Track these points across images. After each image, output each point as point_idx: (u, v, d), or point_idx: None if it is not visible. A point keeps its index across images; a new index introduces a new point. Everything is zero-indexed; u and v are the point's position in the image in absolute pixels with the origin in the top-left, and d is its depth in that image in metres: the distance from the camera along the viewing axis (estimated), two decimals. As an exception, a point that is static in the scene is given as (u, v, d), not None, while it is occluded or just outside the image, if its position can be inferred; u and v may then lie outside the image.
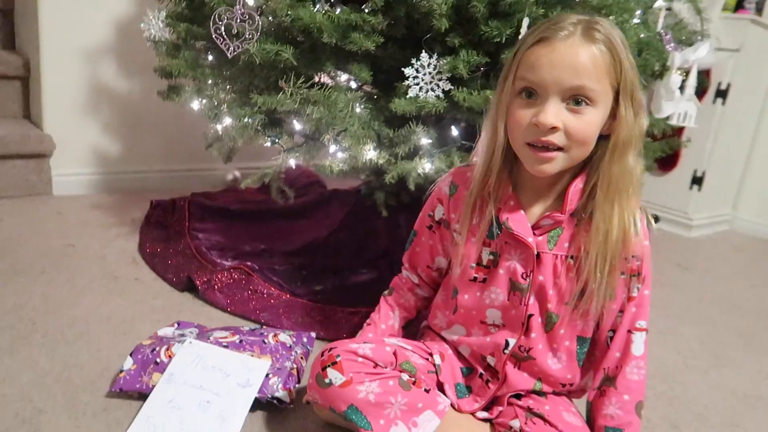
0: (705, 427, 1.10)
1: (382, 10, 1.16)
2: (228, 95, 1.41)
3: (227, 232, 1.70)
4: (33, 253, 1.49)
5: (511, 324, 0.90)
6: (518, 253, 0.87)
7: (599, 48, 0.76)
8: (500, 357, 0.91)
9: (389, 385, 0.86)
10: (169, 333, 1.10)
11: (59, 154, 1.96)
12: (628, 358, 0.87)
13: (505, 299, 0.89)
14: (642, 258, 0.85)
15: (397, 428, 0.84)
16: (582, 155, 0.81)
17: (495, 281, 0.89)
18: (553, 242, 0.85)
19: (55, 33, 1.88)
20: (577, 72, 0.75)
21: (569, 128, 0.77)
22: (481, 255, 0.90)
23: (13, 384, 0.97)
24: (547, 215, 0.85)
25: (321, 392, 0.86)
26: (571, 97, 0.77)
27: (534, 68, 0.77)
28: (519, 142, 0.81)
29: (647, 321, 0.88)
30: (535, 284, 0.87)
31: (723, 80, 2.31)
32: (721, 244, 2.44)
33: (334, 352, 0.87)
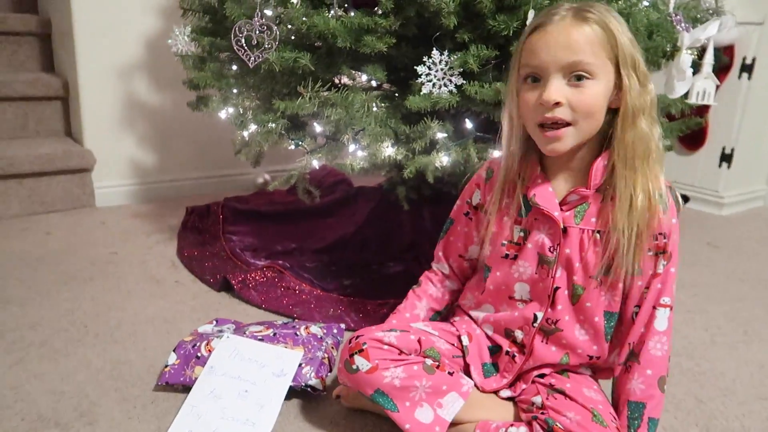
0: (731, 402, 1.11)
1: (393, 12, 1.20)
2: (252, 103, 1.48)
3: (259, 234, 1.78)
4: (81, 262, 1.59)
5: (538, 297, 0.93)
6: (546, 227, 0.91)
7: (591, 27, 0.81)
8: (529, 331, 0.94)
9: (414, 369, 0.90)
10: (208, 329, 1.18)
11: (100, 168, 2.07)
12: (651, 332, 0.90)
13: (533, 272, 0.92)
14: (669, 236, 0.88)
15: (423, 409, 0.88)
16: (591, 128, 0.84)
17: (524, 255, 0.93)
18: (580, 217, 0.89)
19: (90, 54, 1.99)
20: (571, 48, 0.80)
21: (573, 102, 0.81)
22: (512, 233, 0.94)
23: (71, 382, 1.06)
24: (573, 191, 0.88)
25: (349, 377, 0.91)
26: (571, 73, 0.81)
27: (533, 53, 0.82)
28: (531, 125, 0.86)
29: (672, 298, 0.90)
30: (562, 257, 0.90)
31: (748, 54, 2.27)
32: (754, 221, 2.40)
33: (360, 340, 0.92)
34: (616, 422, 0.87)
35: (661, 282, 0.89)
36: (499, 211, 0.94)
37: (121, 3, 1.99)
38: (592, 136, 0.86)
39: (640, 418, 0.88)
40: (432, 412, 0.89)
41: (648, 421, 0.88)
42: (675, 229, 0.88)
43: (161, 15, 2.04)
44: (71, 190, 2.02)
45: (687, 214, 2.44)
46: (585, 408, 0.87)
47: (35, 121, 2.15)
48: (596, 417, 0.85)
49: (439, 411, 0.89)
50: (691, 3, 1.45)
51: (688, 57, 1.25)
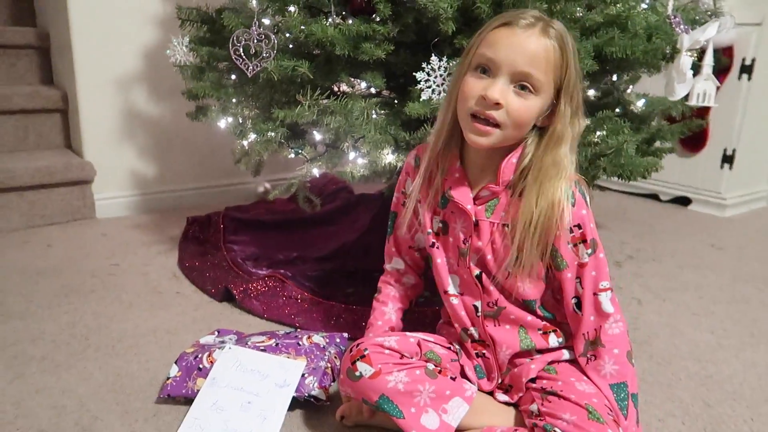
0: (740, 405, 1.10)
1: (390, 19, 1.20)
2: (251, 112, 1.48)
3: (261, 243, 1.77)
4: (82, 274, 1.58)
5: (468, 288, 0.98)
6: (461, 221, 0.95)
7: (553, 44, 0.84)
8: (477, 322, 0.97)
9: (416, 374, 0.90)
10: (210, 340, 1.17)
11: (100, 180, 2.07)
12: (603, 317, 0.92)
13: (455, 264, 0.98)
14: (583, 225, 0.90)
15: (428, 416, 0.88)
16: (515, 137, 0.88)
17: (446, 248, 0.98)
18: (491, 211, 0.93)
19: (88, 66, 1.99)
20: (531, 59, 0.83)
21: (511, 108, 0.84)
22: (432, 223, 0.99)
23: (72, 396, 1.05)
24: (485, 186, 0.93)
25: (353, 385, 0.91)
26: (518, 81, 0.84)
27: (493, 46, 0.85)
28: (464, 111, 0.88)
29: (608, 281, 0.93)
30: (474, 248, 0.94)
31: (747, 55, 2.27)
32: (757, 222, 2.39)
33: (362, 347, 0.93)
34: (612, 414, 0.87)
35: (594, 269, 0.92)
36: (423, 199, 0.99)
37: (119, 14, 1.99)
38: (511, 143, 0.89)
39: (626, 398, 0.90)
40: (437, 418, 0.88)
41: (631, 396, 0.91)
42: (588, 218, 0.91)
43: (159, 26, 2.05)
44: (71, 202, 2.02)
45: (689, 215, 2.43)
46: (579, 406, 0.86)
47: (35, 134, 2.15)
48: (592, 414, 0.84)
49: (444, 417, 0.89)
50: (690, 5, 1.45)
51: (688, 59, 1.25)
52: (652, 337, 1.35)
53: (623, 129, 1.27)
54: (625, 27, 1.23)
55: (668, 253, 1.93)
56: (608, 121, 1.27)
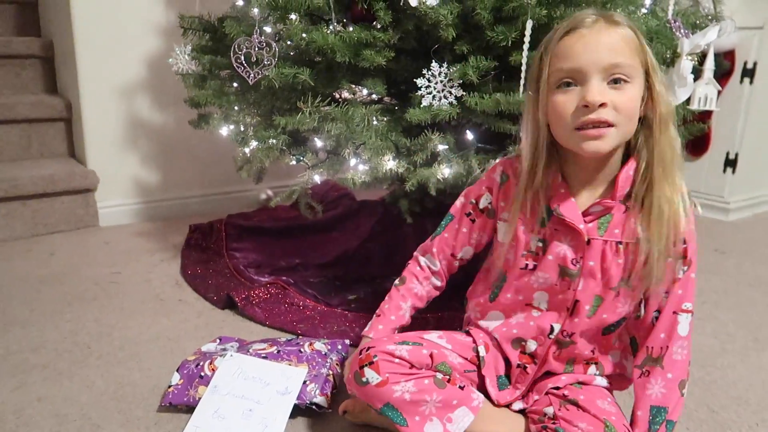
0: (745, 411, 1.09)
1: (391, 26, 1.21)
2: (253, 119, 1.48)
3: (263, 250, 1.77)
4: (85, 282, 1.58)
5: (556, 308, 0.93)
6: (569, 239, 0.89)
7: (624, 30, 0.81)
8: (543, 341, 0.94)
9: (424, 384, 0.88)
10: (211, 348, 1.17)
11: (103, 188, 2.07)
12: (674, 338, 0.88)
13: (553, 283, 0.91)
14: (688, 241, 0.87)
15: (432, 424, 0.87)
16: (630, 131, 0.83)
17: (543, 267, 0.91)
18: (603, 228, 0.87)
19: (92, 75, 2.00)
20: (613, 49, 0.79)
21: (617, 103, 0.80)
22: (530, 243, 0.92)
23: (73, 404, 1.05)
24: (597, 202, 0.87)
25: (358, 389, 0.89)
26: (610, 75, 0.80)
27: (568, 56, 0.81)
28: (567, 130, 0.82)
29: (692, 303, 0.89)
30: (585, 269, 0.89)
31: (749, 59, 2.27)
32: (761, 226, 2.38)
33: (371, 352, 0.89)
34: None
35: (681, 287, 0.88)
36: (519, 220, 0.92)
37: (121, 24, 2.00)
38: (627, 140, 0.85)
39: (661, 421, 0.87)
40: (441, 427, 0.87)
41: (666, 422, 0.88)
42: (693, 236, 0.88)
43: (162, 34, 2.06)
44: (75, 211, 2.03)
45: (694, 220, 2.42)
46: (597, 419, 0.85)
47: (39, 143, 2.16)
48: (609, 428, 0.83)
49: (448, 426, 0.88)
50: (690, 9, 1.45)
51: (689, 63, 1.24)
52: (656, 342, 1.34)
53: (624, 134, 1.27)
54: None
55: (672, 258, 1.92)
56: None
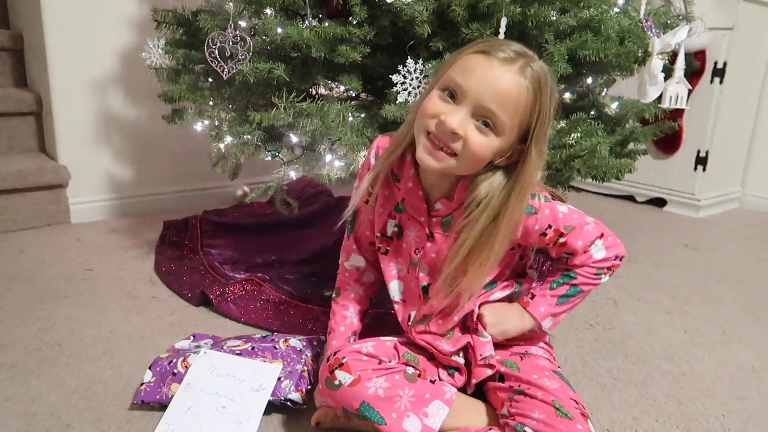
0: (712, 403, 1.12)
1: (367, 22, 1.21)
2: (228, 115, 1.47)
3: (239, 246, 1.76)
4: (55, 279, 1.56)
5: (411, 299, 0.99)
6: (416, 229, 0.95)
7: (527, 85, 0.80)
8: (409, 329, 0.98)
9: (395, 379, 0.90)
10: (185, 345, 1.16)
11: (75, 184, 2.03)
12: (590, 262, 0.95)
13: (405, 272, 0.98)
14: (553, 223, 0.91)
15: (410, 420, 0.87)
16: (467, 171, 0.85)
17: (399, 253, 0.97)
18: (447, 226, 0.93)
19: (62, 68, 1.96)
20: (499, 98, 0.79)
21: (469, 141, 0.81)
22: (386, 226, 0.97)
23: (42, 403, 1.03)
24: (439, 200, 0.92)
25: (332, 395, 0.90)
26: (481, 116, 0.80)
27: (465, 73, 0.81)
28: (421, 126, 0.85)
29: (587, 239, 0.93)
30: (426, 258, 0.94)
31: (719, 59, 2.32)
32: (730, 222, 2.44)
33: (339, 355, 0.92)
34: (579, 406, 0.87)
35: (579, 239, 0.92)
36: (379, 200, 0.96)
37: (93, 16, 1.96)
38: (464, 174, 0.87)
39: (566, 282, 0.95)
40: (419, 422, 0.88)
41: (572, 285, 0.94)
42: (553, 215, 0.90)
43: (135, 28, 2.03)
44: (45, 207, 1.99)
45: (664, 216, 2.47)
46: (547, 404, 0.86)
47: (8, 138, 2.11)
48: (559, 410, 0.84)
49: (425, 420, 0.88)
50: (662, 9, 1.48)
51: (660, 62, 1.27)
52: (627, 337, 1.37)
53: (597, 131, 1.28)
54: (598, 30, 1.25)
55: (644, 254, 1.95)
56: (582, 124, 1.29)
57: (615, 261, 0.97)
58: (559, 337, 1.33)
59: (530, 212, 0.89)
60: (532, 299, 0.96)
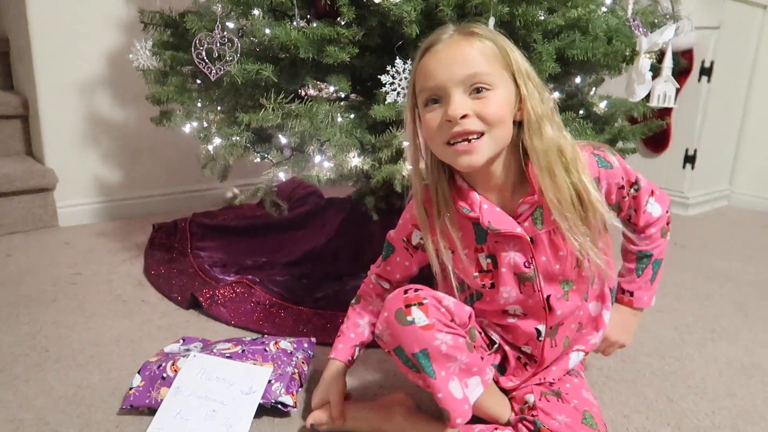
0: (702, 400, 1.12)
1: (355, 22, 1.20)
2: (216, 116, 1.46)
3: (228, 249, 1.75)
4: (43, 284, 1.54)
5: (533, 312, 0.93)
6: (512, 245, 0.89)
7: (481, 41, 0.81)
8: (536, 345, 0.95)
9: (459, 341, 0.86)
10: (175, 349, 1.15)
11: (62, 187, 2.02)
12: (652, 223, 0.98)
13: (518, 294, 0.91)
14: (624, 174, 0.91)
15: (454, 383, 0.85)
16: (504, 136, 0.83)
17: (502, 282, 0.91)
18: (540, 222, 0.88)
19: (49, 70, 1.94)
20: (466, 62, 0.80)
21: (480, 112, 0.80)
22: (479, 261, 0.92)
23: (30, 409, 1.02)
24: (521, 202, 0.87)
25: (398, 329, 0.84)
26: (470, 86, 0.80)
27: (429, 75, 0.82)
28: (439, 146, 0.83)
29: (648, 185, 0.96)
30: (540, 266, 0.89)
31: (706, 58, 2.33)
32: (719, 220, 2.46)
33: (421, 294, 0.86)
34: (605, 429, 0.88)
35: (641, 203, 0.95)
36: (457, 246, 0.91)
37: (79, 18, 1.95)
38: (505, 145, 0.84)
39: (647, 263, 1.00)
40: (461, 389, 0.86)
41: (653, 261, 1.00)
42: (620, 170, 0.91)
43: (122, 29, 2.01)
44: (33, 210, 1.97)
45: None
46: (577, 410, 0.86)
47: (-6, 141, 2.09)
48: (586, 419, 0.84)
49: (465, 390, 0.86)
50: (649, 8, 1.48)
51: (647, 61, 1.27)
52: (618, 334, 1.37)
53: (586, 130, 1.29)
54: (585, 30, 1.25)
55: (634, 252, 1.96)
56: (572, 123, 1.29)
57: (668, 214, 1.00)
58: (550, 336, 1.33)
59: (607, 167, 0.89)
60: (632, 296, 1.01)
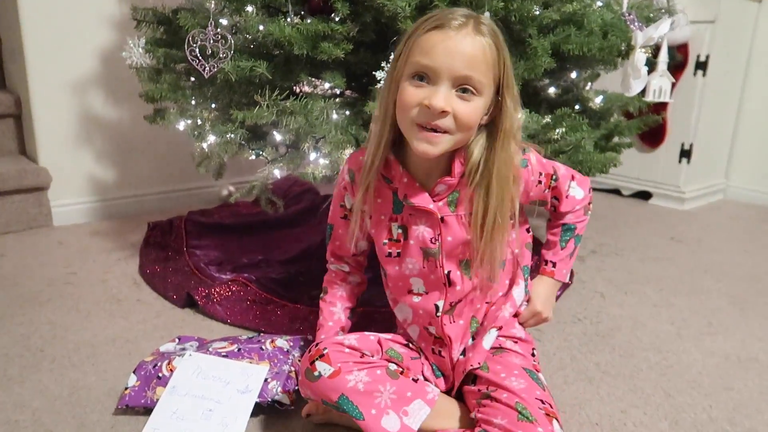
0: (699, 394, 1.12)
1: (349, 18, 1.20)
2: (210, 114, 1.45)
3: (224, 247, 1.74)
4: (37, 284, 1.53)
5: (435, 287, 0.96)
6: (424, 220, 0.94)
7: (488, 41, 0.82)
8: (436, 322, 0.97)
9: (377, 374, 0.89)
10: (170, 348, 1.14)
11: (56, 186, 2.00)
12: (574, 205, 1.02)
13: (421, 267, 0.95)
14: (542, 169, 0.97)
15: (389, 418, 0.86)
16: (465, 140, 0.87)
17: (408, 252, 0.95)
18: (453, 205, 0.92)
19: (41, 69, 1.93)
20: (470, 62, 0.81)
21: (457, 113, 0.82)
22: (391, 230, 0.96)
23: (25, 410, 1.01)
24: (440, 181, 0.91)
25: (311, 386, 0.89)
26: (459, 85, 0.82)
27: (428, 53, 0.82)
28: (407, 121, 0.85)
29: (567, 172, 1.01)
30: (445, 245, 0.93)
31: (701, 52, 2.33)
32: (715, 214, 2.46)
33: (321, 346, 0.91)
34: (545, 405, 0.85)
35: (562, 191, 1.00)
36: (374, 210, 0.96)
37: (72, 16, 1.93)
38: (460, 145, 0.88)
39: (571, 235, 1.04)
40: (398, 420, 0.86)
41: (575, 236, 1.04)
42: (539, 162, 0.97)
43: (115, 27, 2.00)
44: (27, 210, 1.96)
45: (650, 209, 2.48)
46: (509, 407, 0.84)
47: (-14, 140, 2.08)
48: (521, 414, 0.82)
49: (405, 419, 0.87)
50: (644, 2, 1.48)
51: (643, 55, 1.27)
52: (615, 330, 1.37)
53: (582, 126, 1.29)
54: (581, 24, 1.25)
55: (630, 247, 1.96)
56: (567, 118, 1.29)
57: (590, 194, 1.04)
58: (547, 332, 1.33)
59: (524, 165, 0.94)
60: (555, 267, 1.04)
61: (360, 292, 1.12)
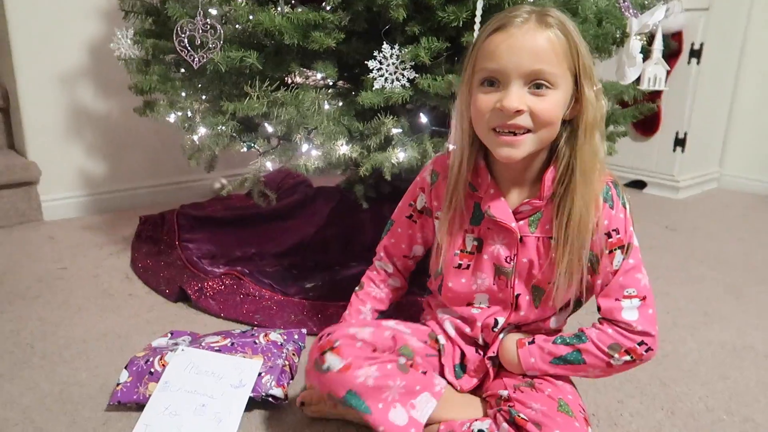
0: (695, 383, 1.12)
1: (340, 7, 1.18)
2: (201, 105, 1.43)
3: (217, 240, 1.72)
4: (28, 279, 1.51)
5: (499, 305, 0.93)
6: (501, 237, 0.90)
7: (555, 33, 0.78)
8: (489, 334, 0.94)
9: (387, 369, 0.86)
10: (163, 343, 1.13)
11: (46, 180, 1.98)
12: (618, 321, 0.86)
13: (491, 283, 0.92)
14: (621, 229, 0.86)
15: (396, 410, 0.85)
16: (549, 137, 0.82)
17: (480, 267, 0.91)
18: (534, 226, 0.88)
19: (29, 61, 1.90)
20: (537, 56, 0.77)
21: (534, 110, 0.78)
22: (465, 241, 0.92)
23: (14, 408, 1.00)
24: (526, 202, 0.87)
25: (319, 378, 0.85)
26: (532, 81, 0.78)
27: (493, 56, 0.79)
28: (483, 128, 0.82)
29: (638, 288, 0.86)
30: (520, 266, 0.89)
31: (695, 40, 2.32)
32: (709, 203, 2.46)
33: (332, 337, 0.86)
34: (584, 413, 0.86)
35: (621, 275, 0.86)
36: (450, 219, 0.92)
37: (59, 7, 1.90)
38: (546, 144, 0.84)
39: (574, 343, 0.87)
40: (406, 413, 0.85)
41: (580, 351, 0.87)
42: (627, 222, 0.87)
43: (102, 18, 1.97)
44: (16, 205, 1.93)
45: (645, 198, 2.48)
46: (551, 398, 0.85)
47: (-26, 135, 2.05)
48: (562, 406, 0.83)
49: (412, 412, 0.85)
50: (638, -10, 1.46)
51: (637, 43, 1.25)
52: (611, 319, 1.36)
53: (576, 114, 1.27)
54: (576, 12, 1.23)
55: (625, 237, 1.96)
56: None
57: (639, 346, 0.86)
58: (543, 323, 1.33)
59: (609, 202, 0.86)
60: (530, 344, 0.90)
61: (397, 298, 1.07)
